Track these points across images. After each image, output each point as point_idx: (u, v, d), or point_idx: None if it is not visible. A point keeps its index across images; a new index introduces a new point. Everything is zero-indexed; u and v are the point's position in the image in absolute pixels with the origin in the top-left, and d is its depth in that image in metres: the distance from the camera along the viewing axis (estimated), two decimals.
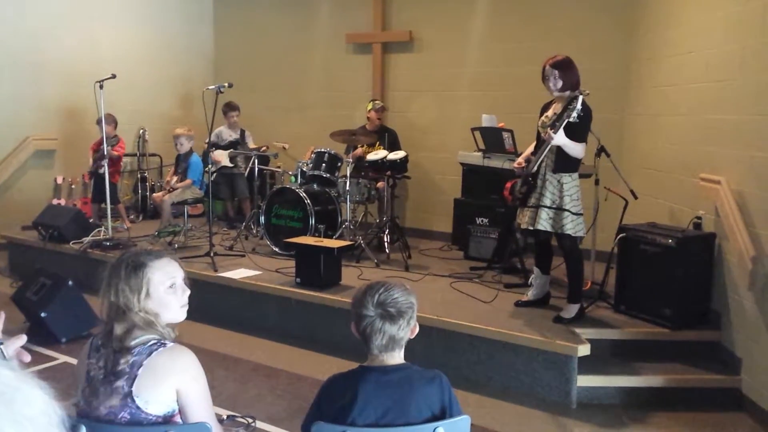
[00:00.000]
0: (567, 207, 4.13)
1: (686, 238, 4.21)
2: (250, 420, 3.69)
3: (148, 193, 8.13)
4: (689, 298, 4.27)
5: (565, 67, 4.13)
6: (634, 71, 5.98)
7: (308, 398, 2.06)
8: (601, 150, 4.82)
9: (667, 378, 4.00)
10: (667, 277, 4.21)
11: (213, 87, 5.89)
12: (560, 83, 4.13)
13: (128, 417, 1.82)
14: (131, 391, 1.81)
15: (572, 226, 4.14)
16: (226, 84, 5.93)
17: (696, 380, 4.02)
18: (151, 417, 1.83)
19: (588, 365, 3.98)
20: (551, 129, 4.02)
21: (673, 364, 4.11)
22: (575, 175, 4.21)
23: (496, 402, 4.03)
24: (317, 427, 1.86)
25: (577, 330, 4.16)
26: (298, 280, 5.12)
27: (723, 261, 4.22)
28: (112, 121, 6.86)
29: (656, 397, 3.97)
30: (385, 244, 6.10)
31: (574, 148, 4.08)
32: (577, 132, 4.05)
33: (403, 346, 1.99)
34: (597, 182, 4.93)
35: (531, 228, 4.26)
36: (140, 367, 1.83)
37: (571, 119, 3.96)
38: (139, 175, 8.25)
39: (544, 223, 4.17)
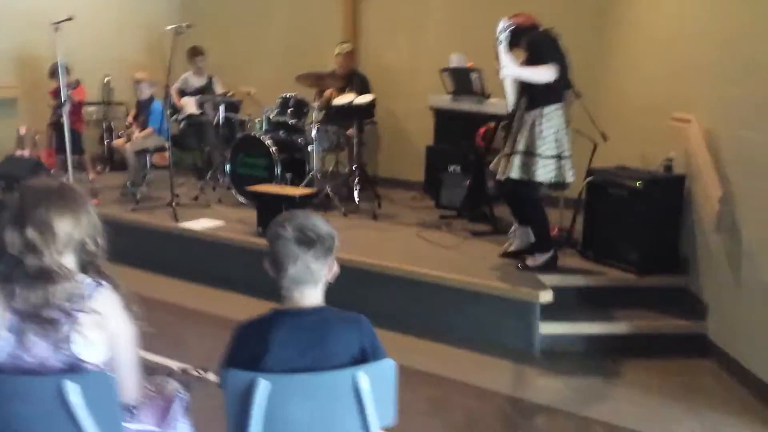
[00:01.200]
0: (538, 151, 3.92)
1: (653, 180, 4.06)
2: (202, 372, 3.58)
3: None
4: (657, 243, 4.14)
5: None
6: (612, 8, 5.70)
7: None
8: (571, 90, 4.60)
9: (632, 325, 3.90)
10: (634, 221, 4.07)
11: (171, 27, 5.63)
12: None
13: (60, 365, 1.64)
14: (69, 336, 1.64)
15: (543, 171, 3.92)
16: (184, 24, 5.67)
17: (662, 327, 3.93)
18: (88, 365, 1.67)
19: (553, 313, 3.87)
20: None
21: (639, 311, 4.01)
22: (551, 107, 3.91)
23: (459, 351, 3.94)
24: (229, 375, 1.73)
25: (543, 277, 4.04)
26: (260, 229, 4.96)
27: (692, 203, 4.07)
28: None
29: (621, 344, 3.87)
30: (355, 193, 5.93)
31: (531, 73, 3.89)
32: (526, 59, 3.91)
33: (321, 286, 1.83)
34: (567, 124, 4.73)
35: (502, 179, 4.07)
36: (80, 310, 1.66)
37: (500, 45, 3.86)
38: (104, 125, 7.98)
39: (516, 170, 3.95)
